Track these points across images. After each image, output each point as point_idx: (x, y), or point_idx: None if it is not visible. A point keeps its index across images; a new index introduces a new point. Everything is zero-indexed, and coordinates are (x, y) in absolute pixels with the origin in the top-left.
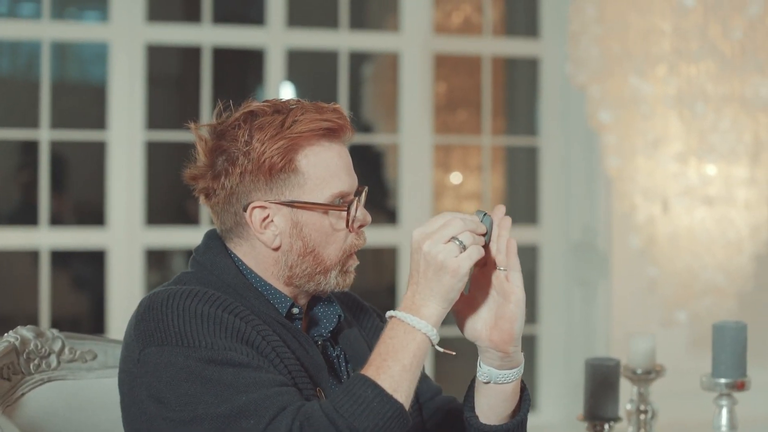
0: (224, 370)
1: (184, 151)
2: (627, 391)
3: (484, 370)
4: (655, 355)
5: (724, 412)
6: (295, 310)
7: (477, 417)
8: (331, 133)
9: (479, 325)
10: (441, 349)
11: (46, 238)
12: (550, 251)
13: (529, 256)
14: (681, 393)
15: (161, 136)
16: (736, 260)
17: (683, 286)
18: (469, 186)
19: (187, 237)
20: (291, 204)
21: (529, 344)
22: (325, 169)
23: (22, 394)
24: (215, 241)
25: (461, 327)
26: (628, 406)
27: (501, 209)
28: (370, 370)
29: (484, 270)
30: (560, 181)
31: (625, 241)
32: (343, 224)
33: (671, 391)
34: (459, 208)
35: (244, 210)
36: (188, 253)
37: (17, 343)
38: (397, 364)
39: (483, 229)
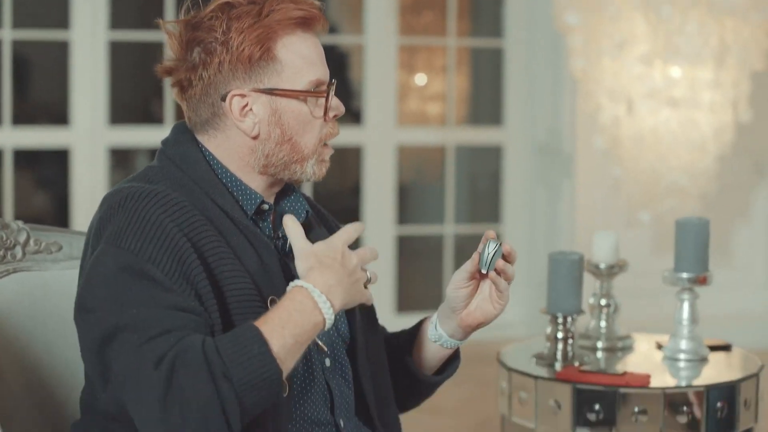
0: (133, 282)
1: (149, 51)
2: (590, 286)
3: (438, 333)
4: (619, 251)
5: (686, 306)
6: (266, 206)
7: (415, 363)
8: (307, 23)
9: (463, 299)
10: (319, 342)
11: (9, 137)
12: (514, 152)
13: (493, 157)
14: (643, 292)
15: (125, 36)
16: (700, 162)
17: (647, 187)
18: (433, 87)
19: (152, 136)
20: (270, 92)
21: None
22: (302, 57)
23: None
24: (185, 135)
25: (455, 285)
26: (591, 300)
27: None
28: (266, 329)
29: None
30: (525, 82)
31: (589, 142)
32: (321, 112)
33: (634, 290)
34: (424, 110)
35: (223, 99)
36: (152, 153)
37: None
38: (292, 338)
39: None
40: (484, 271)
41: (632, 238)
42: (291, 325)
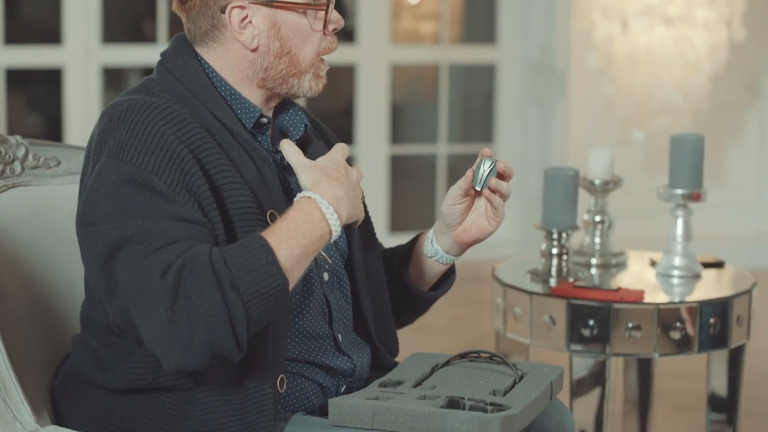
0: (137, 193)
1: None
2: (584, 203)
3: (434, 248)
4: (614, 167)
5: (680, 222)
6: (264, 120)
7: (411, 278)
8: None
9: (458, 215)
10: (323, 253)
11: (1, 57)
12: (507, 70)
13: (486, 76)
14: (636, 210)
15: None
16: (694, 80)
17: (640, 105)
18: (426, 6)
19: (144, 55)
20: (270, 3)
21: None
22: None
23: None
24: (185, 47)
25: (450, 201)
26: (586, 216)
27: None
28: (272, 239)
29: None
30: (518, 0)
31: (583, 60)
32: (320, 25)
33: (627, 207)
34: (416, 28)
35: (222, 11)
36: (144, 71)
37: None
38: (299, 249)
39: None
40: (478, 188)
41: (625, 156)
42: (298, 235)
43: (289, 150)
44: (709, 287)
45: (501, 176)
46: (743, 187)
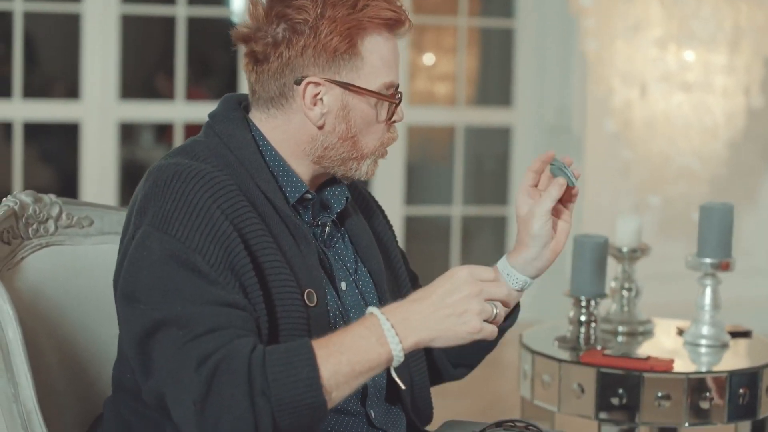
0: (178, 272)
1: (157, 26)
2: (610, 270)
3: (522, 279)
4: (641, 235)
5: (708, 291)
6: (309, 196)
7: None
8: (395, 25)
9: (550, 229)
10: (395, 375)
11: (19, 110)
12: (523, 133)
13: (502, 138)
14: (654, 275)
15: (137, 9)
16: (711, 146)
17: (657, 171)
18: (442, 67)
19: (160, 112)
20: (346, 86)
21: (499, 225)
22: (382, 58)
23: (22, 258)
24: (236, 112)
25: (543, 219)
26: (613, 284)
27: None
28: (322, 352)
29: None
30: (535, 63)
31: (600, 125)
32: (385, 116)
33: (645, 273)
34: (432, 90)
35: (297, 83)
36: (157, 129)
37: (16, 207)
38: (349, 366)
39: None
40: (574, 185)
41: (641, 222)
42: (351, 352)
43: None
44: (738, 357)
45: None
46: (758, 252)
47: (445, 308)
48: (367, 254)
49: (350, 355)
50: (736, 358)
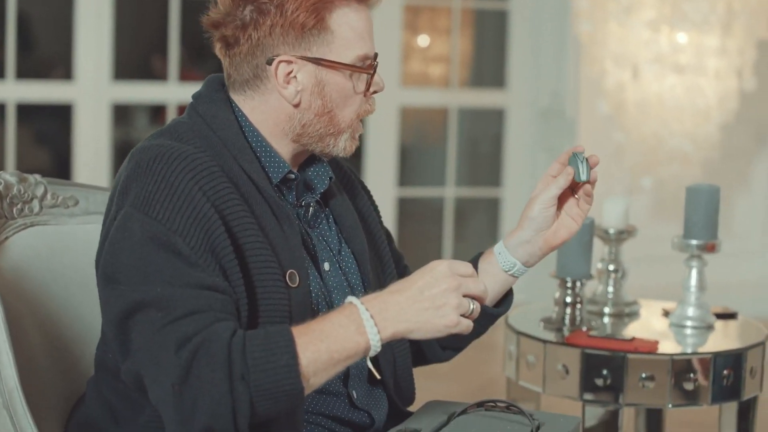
0: (159, 254)
1: (151, 7)
2: (597, 251)
3: (512, 261)
4: (628, 217)
5: (694, 273)
6: (292, 176)
7: None
8: None
9: (552, 218)
10: (370, 366)
11: (13, 91)
12: (517, 115)
13: (495, 121)
14: (645, 257)
15: None
16: (704, 128)
17: (650, 153)
18: (436, 49)
19: (153, 93)
20: (318, 61)
21: (492, 207)
22: (353, 30)
23: (6, 238)
24: (219, 93)
25: (545, 204)
26: (599, 265)
27: (594, 157)
28: (301, 340)
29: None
30: (529, 45)
31: (593, 107)
32: (363, 87)
33: (635, 255)
34: (426, 71)
35: (269, 63)
36: (153, 109)
37: (1, 187)
38: (328, 354)
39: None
40: (584, 180)
41: (633, 203)
42: (330, 340)
43: None
44: (723, 338)
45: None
46: (750, 235)
47: (423, 301)
48: (351, 235)
49: (329, 343)
50: (721, 340)
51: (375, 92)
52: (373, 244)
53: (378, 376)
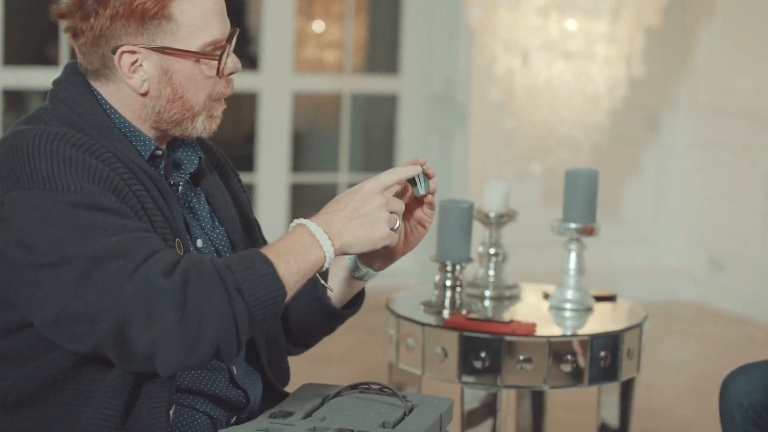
0: (93, 214)
1: None
2: (480, 235)
3: (365, 269)
4: (509, 201)
5: (573, 256)
6: (159, 152)
7: (330, 298)
8: None
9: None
10: (320, 279)
11: None
12: (409, 101)
13: (388, 106)
14: (532, 243)
15: None
16: (593, 115)
17: (540, 139)
18: (331, 35)
19: (47, 78)
20: (162, 50)
21: None
22: (199, 16)
23: None
24: (77, 78)
25: None
26: (480, 249)
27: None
28: (270, 255)
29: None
30: (422, 31)
31: (484, 93)
32: (214, 71)
33: (523, 241)
34: (320, 57)
35: (113, 53)
36: (45, 95)
37: None
38: (296, 265)
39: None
40: (423, 194)
41: (523, 190)
42: (294, 253)
43: None
44: (601, 321)
45: (427, 175)
46: (639, 221)
47: (359, 218)
48: (223, 214)
49: (294, 256)
50: (598, 322)
51: (231, 73)
52: (246, 224)
53: (331, 289)
